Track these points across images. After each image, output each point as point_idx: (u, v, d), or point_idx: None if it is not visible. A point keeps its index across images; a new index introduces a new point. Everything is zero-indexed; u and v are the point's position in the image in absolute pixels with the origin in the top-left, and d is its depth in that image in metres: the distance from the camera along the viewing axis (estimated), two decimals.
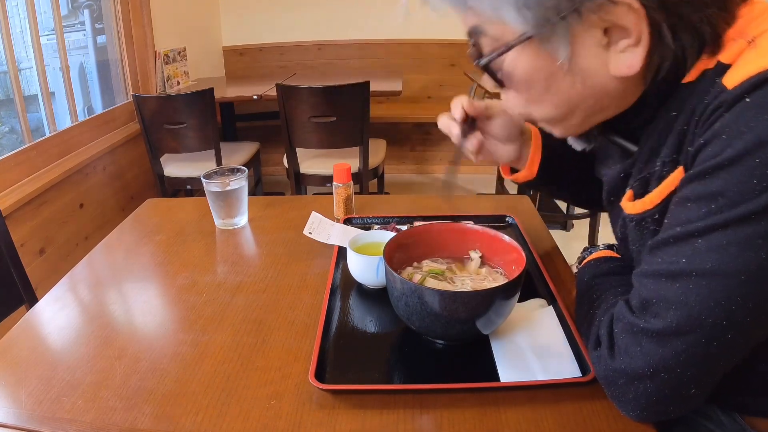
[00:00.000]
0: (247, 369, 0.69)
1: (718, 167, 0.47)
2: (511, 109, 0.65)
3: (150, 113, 2.37)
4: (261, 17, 3.68)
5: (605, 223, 2.58)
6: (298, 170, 2.50)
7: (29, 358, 0.72)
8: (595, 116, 0.61)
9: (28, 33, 2.14)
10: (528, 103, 0.61)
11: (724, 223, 0.47)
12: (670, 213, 0.54)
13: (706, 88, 0.52)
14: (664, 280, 0.51)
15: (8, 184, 1.89)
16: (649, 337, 0.52)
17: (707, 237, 0.48)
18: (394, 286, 0.68)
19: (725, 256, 0.47)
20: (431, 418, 0.61)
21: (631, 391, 0.55)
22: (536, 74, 0.57)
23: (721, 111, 0.48)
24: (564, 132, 0.66)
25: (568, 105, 0.59)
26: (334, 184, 1.10)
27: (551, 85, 0.57)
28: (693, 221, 0.49)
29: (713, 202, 0.47)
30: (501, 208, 1.11)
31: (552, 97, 0.58)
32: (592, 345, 0.61)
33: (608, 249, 0.78)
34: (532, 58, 0.55)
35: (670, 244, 0.51)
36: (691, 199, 0.50)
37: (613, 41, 0.53)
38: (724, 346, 0.49)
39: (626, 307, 0.56)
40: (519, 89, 0.60)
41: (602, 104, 0.59)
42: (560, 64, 0.54)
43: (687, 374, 0.51)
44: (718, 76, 0.50)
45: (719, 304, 0.47)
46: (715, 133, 0.48)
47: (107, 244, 1.06)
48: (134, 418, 0.61)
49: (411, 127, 3.81)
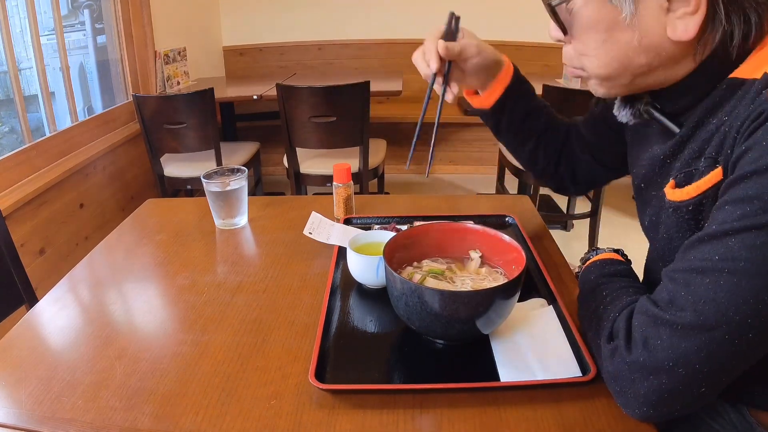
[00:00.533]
0: (247, 369, 0.69)
1: (755, 173, 0.50)
2: (568, 61, 0.69)
3: (150, 113, 2.37)
4: (261, 17, 3.67)
5: (605, 223, 2.60)
6: (298, 170, 2.50)
7: (29, 358, 0.72)
8: (643, 78, 0.64)
9: (28, 33, 2.14)
10: (584, 55, 0.66)
11: (759, 225, 0.49)
12: (710, 216, 0.56)
13: (753, 96, 0.54)
14: (695, 275, 0.53)
15: (8, 184, 1.89)
16: (673, 329, 0.53)
17: (741, 236, 0.50)
18: (394, 286, 0.68)
19: (757, 256, 0.49)
20: (431, 418, 0.61)
21: (643, 386, 0.55)
22: (599, 23, 0.61)
23: (762, 119, 0.51)
24: (610, 91, 0.69)
25: (621, 61, 0.63)
26: (334, 184, 1.10)
27: (611, 36, 0.61)
28: (728, 221, 0.51)
29: (749, 204, 0.50)
30: (501, 208, 1.11)
31: (608, 50, 0.63)
32: (605, 338, 0.61)
33: (614, 252, 0.78)
34: (599, 7, 0.61)
35: (704, 242, 0.53)
36: (728, 201, 0.52)
37: (674, 8, 0.57)
38: (745, 346, 0.50)
39: (650, 301, 0.57)
40: (581, 37, 0.65)
41: (652, 65, 0.62)
42: (623, 17, 0.59)
43: (704, 371, 0.52)
44: (764, 87, 0.53)
45: (747, 302, 0.49)
46: (756, 141, 0.51)
47: (107, 245, 1.06)
48: (134, 418, 0.61)
49: (411, 127, 3.80)
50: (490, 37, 1.08)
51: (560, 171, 0.99)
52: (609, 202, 2.98)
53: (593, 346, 0.65)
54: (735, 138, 0.55)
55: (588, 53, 0.65)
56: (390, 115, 3.47)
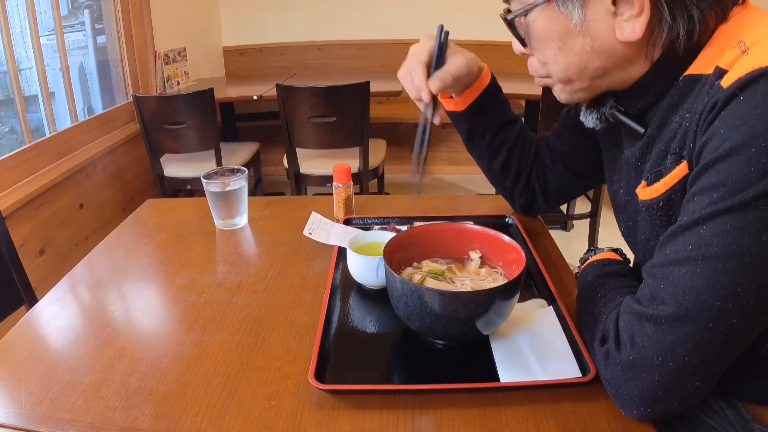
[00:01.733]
0: (247, 369, 0.69)
1: (718, 160, 0.51)
2: (534, 72, 0.73)
3: (150, 113, 2.37)
4: (261, 17, 3.68)
5: (605, 223, 2.60)
6: (298, 170, 2.50)
7: (29, 358, 0.72)
8: (601, 81, 0.67)
9: (28, 33, 2.14)
10: (545, 62, 0.69)
11: (726, 209, 0.50)
12: (681, 209, 0.57)
13: (708, 90, 0.56)
14: (672, 267, 0.53)
15: (8, 184, 1.89)
16: (657, 324, 0.53)
17: (711, 223, 0.51)
18: (394, 287, 0.68)
19: (728, 240, 0.50)
20: (431, 418, 0.61)
21: (637, 385, 0.55)
22: (553, 32, 0.65)
23: (717, 109, 0.53)
24: (572, 96, 0.71)
25: (578, 65, 0.65)
26: (334, 185, 1.10)
27: (565, 44, 0.64)
28: (698, 211, 0.52)
29: (715, 192, 0.51)
30: (501, 208, 1.11)
31: (565, 56, 0.66)
32: (598, 342, 0.62)
33: (612, 252, 0.78)
34: (551, 18, 0.64)
35: (677, 234, 0.54)
36: (696, 192, 0.54)
37: (620, 11, 0.60)
38: (730, 332, 0.51)
39: (633, 300, 0.58)
40: (538, 47, 0.68)
41: (607, 68, 0.65)
42: (574, 25, 0.62)
43: (694, 363, 0.52)
44: (717, 80, 0.54)
45: (725, 286, 0.50)
46: (714, 130, 0.53)
47: (107, 245, 1.06)
48: (134, 418, 0.61)
49: (411, 127, 3.81)
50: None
51: (531, 183, 1.00)
52: (609, 203, 2.98)
53: (590, 349, 0.66)
54: (695, 131, 0.56)
55: (548, 61, 0.68)
56: (390, 115, 3.48)
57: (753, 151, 0.49)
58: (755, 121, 0.49)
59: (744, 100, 0.51)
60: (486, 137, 0.97)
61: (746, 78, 0.51)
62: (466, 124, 0.97)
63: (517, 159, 0.98)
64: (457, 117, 0.97)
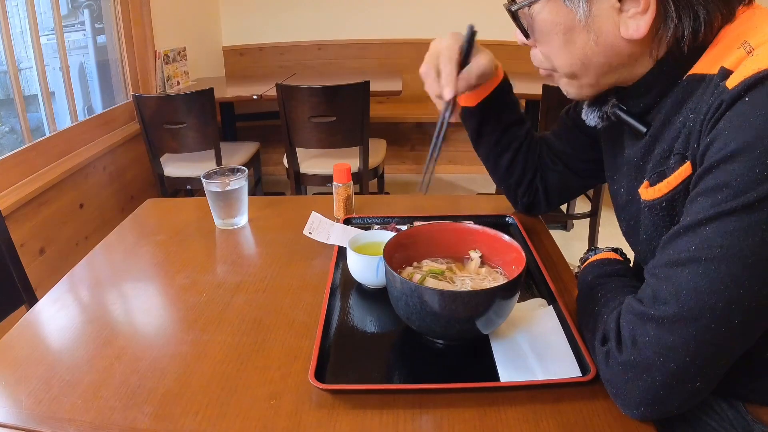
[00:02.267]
0: (247, 368, 0.69)
1: (722, 161, 0.51)
2: (537, 63, 0.72)
3: (150, 113, 2.37)
4: (261, 17, 3.67)
5: (605, 223, 2.60)
6: (298, 170, 2.50)
7: (29, 358, 0.72)
8: (606, 77, 0.67)
9: (28, 33, 2.14)
10: (549, 56, 0.68)
11: (730, 210, 0.50)
12: (684, 210, 0.56)
13: (712, 90, 0.55)
14: (675, 268, 0.53)
15: (8, 184, 1.89)
16: (659, 324, 0.53)
17: (714, 224, 0.51)
18: (394, 286, 0.68)
19: (731, 241, 0.50)
20: (431, 418, 0.61)
21: (638, 385, 0.55)
22: (557, 26, 0.64)
23: (722, 110, 0.52)
24: (580, 91, 0.71)
25: (582, 60, 0.65)
26: (334, 184, 1.10)
27: (569, 38, 0.64)
28: (702, 212, 0.52)
29: (719, 193, 0.51)
30: (501, 208, 1.11)
31: (569, 51, 0.65)
32: (599, 341, 0.62)
33: (612, 252, 0.78)
34: (555, 11, 0.63)
35: (680, 235, 0.54)
36: (700, 193, 0.53)
37: (625, 8, 0.59)
38: (732, 334, 0.51)
39: (635, 300, 0.58)
40: (542, 39, 0.67)
41: (612, 64, 0.64)
42: (578, 19, 0.62)
43: (695, 363, 0.52)
44: (722, 80, 0.54)
45: (728, 288, 0.50)
46: (719, 131, 0.53)
47: (107, 245, 1.06)
48: (134, 418, 0.61)
49: (411, 127, 3.81)
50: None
51: (535, 184, 1.01)
52: (609, 202, 2.98)
53: (590, 349, 0.65)
54: (699, 132, 0.56)
55: (551, 55, 0.68)
56: (390, 115, 3.47)
57: (758, 152, 0.49)
58: (760, 122, 0.49)
59: (749, 101, 0.51)
60: (494, 135, 0.97)
61: (752, 79, 0.51)
62: (476, 121, 0.97)
63: (523, 159, 0.98)
64: (468, 113, 0.97)
